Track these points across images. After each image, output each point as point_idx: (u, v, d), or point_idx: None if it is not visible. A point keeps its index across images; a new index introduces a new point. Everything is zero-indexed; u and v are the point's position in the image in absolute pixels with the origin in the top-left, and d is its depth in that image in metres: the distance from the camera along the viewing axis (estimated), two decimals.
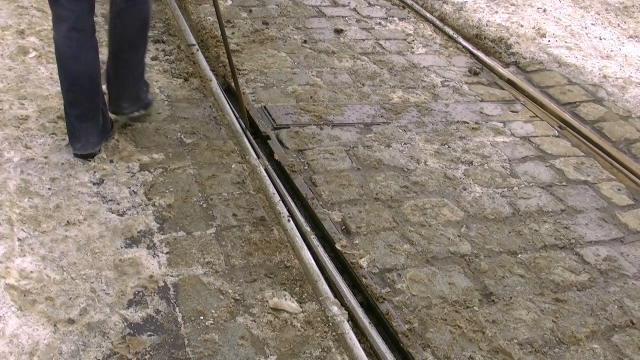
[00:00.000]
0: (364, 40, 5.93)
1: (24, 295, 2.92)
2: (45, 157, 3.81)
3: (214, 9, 5.95)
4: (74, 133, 3.80)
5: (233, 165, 3.98)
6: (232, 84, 4.70)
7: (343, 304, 3.15)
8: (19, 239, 3.20)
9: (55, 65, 3.86)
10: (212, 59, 5.22)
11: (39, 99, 4.34)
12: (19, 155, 3.78)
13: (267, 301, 3.09)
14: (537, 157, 4.64)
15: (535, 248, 3.72)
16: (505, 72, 5.72)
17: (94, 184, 3.66)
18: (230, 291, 3.11)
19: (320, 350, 2.90)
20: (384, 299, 3.23)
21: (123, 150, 3.96)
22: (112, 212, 3.48)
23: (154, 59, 5.08)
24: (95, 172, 3.75)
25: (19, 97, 4.33)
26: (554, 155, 4.69)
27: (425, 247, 3.59)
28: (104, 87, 4.00)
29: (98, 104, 3.83)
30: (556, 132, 4.99)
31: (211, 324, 2.94)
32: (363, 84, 5.20)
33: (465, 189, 4.13)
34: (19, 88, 4.43)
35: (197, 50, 5.21)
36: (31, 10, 5.48)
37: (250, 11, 6.11)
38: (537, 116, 5.17)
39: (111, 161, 3.86)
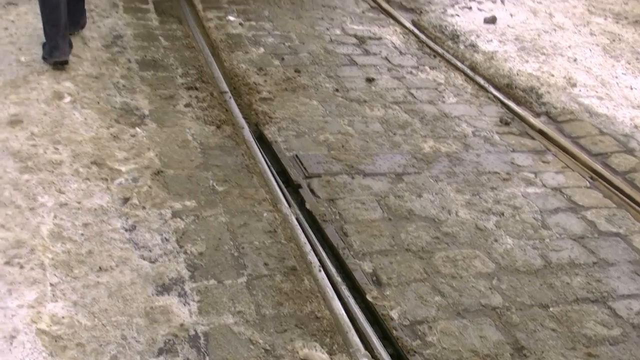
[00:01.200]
0: (395, 89, 5.96)
1: (55, 341, 2.93)
2: (79, 202, 3.84)
3: (246, 56, 6.06)
4: (56, 45, 5.22)
5: (265, 214, 3.99)
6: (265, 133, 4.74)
7: (374, 356, 3.13)
8: (51, 284, 3.23)
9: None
10: (244, 107, 5.26)
11: (73, 144, 4.39)
12: (53, 200, 3.82)
13: (297, 352, 3.08)
14: (568, 208, 4.61)
15: (567, 301, 3.68)
16: (537, 122, 5.71)
17: (126, 230, 3.69)
18: (260, 341, 3.11)
19: None
20: (414, 351, 3.20)
21: (155, 197, 3.99)
22: (144, 259, 3.49)
23: (187, 105, 5.13)
24: (127, 218, 3.78)
25: (54, 142, 4.39)
26: (585, 206, 4.65)
27: (457, 299, 3.57)
28: None
29: (67, 26, 5.29)
30: (587, 183, 4.96)
31: None
32: (394, 133, 5.21)
33: (496, 241, 4.11)
34: (54, 133, 4.49)
35: (230, 97, 5.27)
36: None
37: (283, 59, 6.17)
38: (568, 167, 5.14)
39: (143, 207, 3.89)
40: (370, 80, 6.03)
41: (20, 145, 4.31)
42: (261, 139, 4.88)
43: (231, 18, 6.88)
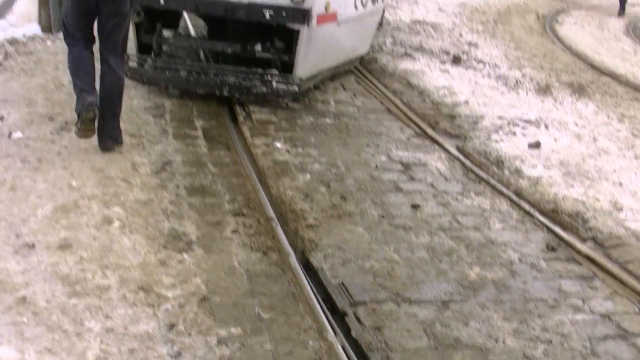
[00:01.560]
0: (440, 215, 5.98)
1: None
2: (125, 328, 3.86)
3: (293, 183, 6.14)
4: (80, 95, 5.95)
5: (310, 342, 3.97)
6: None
7: None
8: None
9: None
10: (290, 233, 5.31)
11: (121, 269, 4.45)
12: (99, 325, 3.85)
13: None
14: (618, 335, 4.51)
15: None
16: (583, 248, 5.66)
17: (171, 356, 3.68)
18: None
19: None
20: None
21: (201, 323, 4.00)
22: None
23: (234, 232, 5.19)
24: (173, 344, 3.78)
25: (102, 267, 4.45)
26: (635, 333, 4.56)
27: None
28: None
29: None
30: (637, 308, 4.87)
31: None
32: (440, 260, 5.20)
33: None
34: (102, 257, 4.56)
35: (276, 224, 5.32)
36: (117, 180, 5.71)
37: (329, 186, 6.24)
38: (617, 292, 5.06)
39: (189, 334, 3.89)
40: (415, 206, 6.06)
41: (69, 269, 4.38)
42: (307, 266, 4.90)
43: (278, 145, 7.02)
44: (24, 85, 7.97)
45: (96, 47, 6.27)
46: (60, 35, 7.47)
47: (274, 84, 7.88)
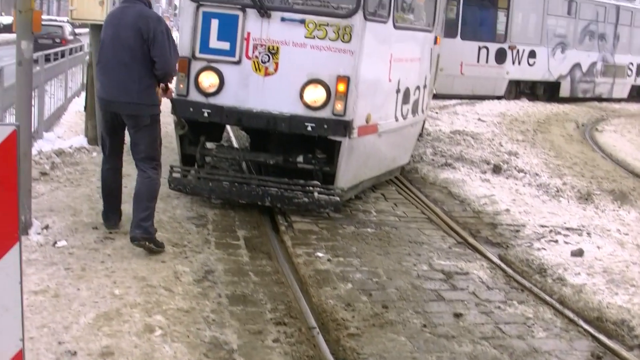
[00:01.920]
0: (483, 324, 5.90)
1: None
2: None
3: (334, 292, 6.14)
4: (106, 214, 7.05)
5: None
6: None
7: None
8: None
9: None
10: (332, 342, 5.27)
11: None
12: None
13: None
14: None
15: None
16: (630, 356, 5.52)
17: None
18: None
19: None
20: None
21: None
22: None
23: (275, 341, 5.17)
24: None
25: None
26: None
27: None
28: None
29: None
30: None
31: None
32: None
33: None
34: None
35: (318, 333, 5.30)
36: (159, 288, 5.76)
37: (370, 295, 6.22)
38: None
39: None
40: (458, 315, 6.00)
41: None
42: None
43: (320, 254, 7.05)
44: (69, 194, 8.17)
45: None
46: None
47: (316, 194, 7.97)
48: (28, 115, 7.13)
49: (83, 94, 14.09)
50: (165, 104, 7.30)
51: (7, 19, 50.97)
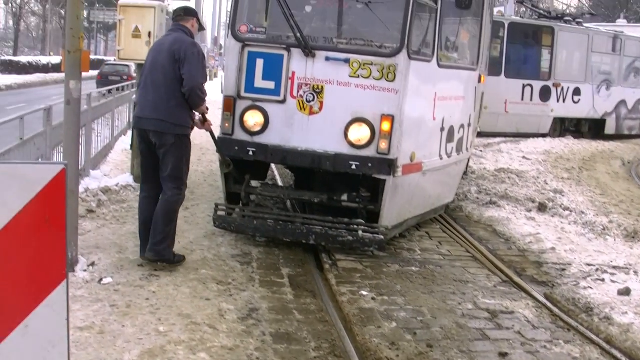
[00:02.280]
0: None
1: None
2: None
3: (379, 330, 6.11)
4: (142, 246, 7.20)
5: None
6: None
7: None
8: None
9: None
10: None
11: None
12: None
13: None
14: None
15: None
16: None
17: None
18: None
19: None
20: None
21: None
22: None
23: None
24: None
25: None
26: None
27: None
28: None
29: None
30: None
31: None
32: None
33: None
34: None
35: None
36: (203, 326, 5.79)
37: (415, 334, 6.18)
38: None
39: None
40: (503, 355, 5.93)
41: None
42: None
43: (364, 293, 7.03)
44: (115, 232, 8.28)
45: None
46: None
47: (360, 233, 7.97)
48: (76, 153, 7.26)
49: (129, 133, 14.33)
50: (210, 143, 7.43)
51: (56, 59, 52.10)
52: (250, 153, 8.10)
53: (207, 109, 7.44)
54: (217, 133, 8.05)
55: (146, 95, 7.12)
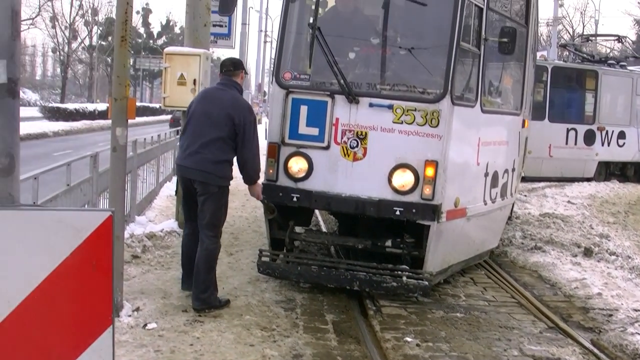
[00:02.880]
0: None
1: None
2: None
3: None
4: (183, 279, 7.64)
5: None
6: None
7: None
8: None
9: None
10: None
11: None
12: None
13: None
14: None
15: None
16: None
17: None
18: None
19: None
20: None
21: None
22: None
23: None
24: None
25: None
26: None
27: None
28: None
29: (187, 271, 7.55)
30: None
31: None
32: None
33: None
34: None
35: None
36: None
37: None
38: None
39: None
40: None
41: None
42: None
43: (408, 339, 6.98)
44: (160, 277, 8.34)
45: None
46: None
47: (404, 278, 7.92)
48: (121, 199, 7.36)
49: (174, 179, 14.47)
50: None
51: (102, 106, 52.99)
52: (295, 199, 8.14)
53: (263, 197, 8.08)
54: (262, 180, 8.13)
55: (194, 145, 7.32)
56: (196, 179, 7.29)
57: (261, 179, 8.05)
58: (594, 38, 33.53)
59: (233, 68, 7.64)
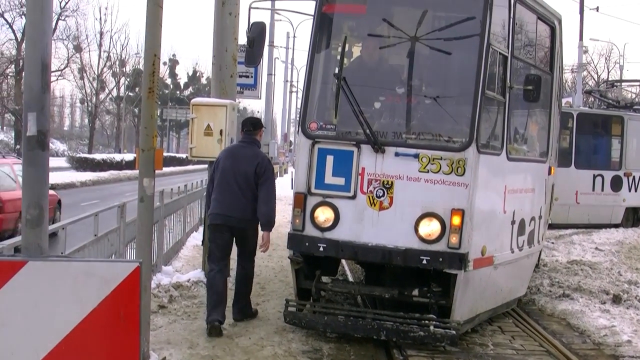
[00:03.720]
0: None
1: None
2: None
3: None
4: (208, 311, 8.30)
5: None
6: None
7: None
8: None
9: None
10: None
11: None
12: None
13: None
14: None
15: None
16: None
17: None
18: None
19: None
20: None
21: None
22: None
23: None
24: None
25: None
26: None
27: None
28: None
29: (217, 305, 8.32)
30: None
31: None
32: None
33: None
34: None
35: None
36: None
37: None
38: None
39: None
40: None
41: None
42: None
43: None
44: (186, 327, 8.33)
45: None
46: None
47: (432, 328, 7.86)
48: (149, 249, 7.40)
49: (201, 229, 14.52)
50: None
51: (129, 156, 53.50)
52: (321, 249, 8.14)
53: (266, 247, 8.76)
54: (288, 229, 8.16)
55: (230, 196, 8.50)
56: (237, 225, 8.49)
57: (282, 227, 8.14)
58: (619, 84, 33.51)
59: (252, 128, 8.89)
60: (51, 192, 15.31)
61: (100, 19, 74.12)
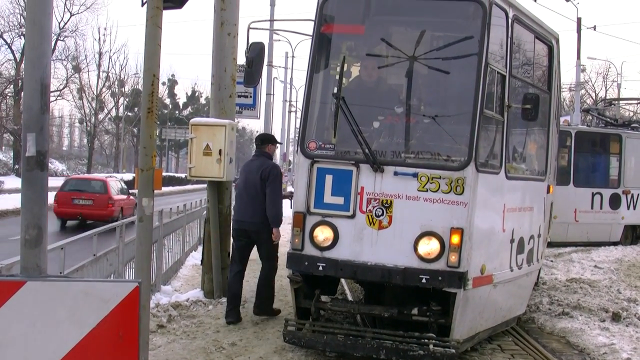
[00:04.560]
0: None
1: None
2: None
3: None
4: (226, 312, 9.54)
5: None
6: None
7: None
8: None
9: None
10: None
11: None
12: None
13: None
14: None
15: None
16: None
17: None
18: None
19: None
20: None
21: None
22: None
23: None
24: None
25: None
26: None
27: None
28: None
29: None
30: None
31: None
32: None
33: None
34: None
35: None
36: None
37: None
38: None
39: None
40: None
41: None
42: None
43: None
44: (185, 347, 8.31)
45: None
46: (222, 299, 10.19)
47: (431, 347, 7.83)
48: (147, 269, 7.39)
49: (200, 248, 14.52)
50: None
51: (128, 176, 53.48)
52: (320, 268, 8.13)
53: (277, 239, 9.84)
54: (287, 248, 8.15)
55: (242, 204, 9.77)
56: (252, 228, 9.65)
57: (282, 246, 8.19)
58: (616, 102, 33.60)
59: (261, 143, 10.12)
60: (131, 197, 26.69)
61: (99, 39, 74.75)
